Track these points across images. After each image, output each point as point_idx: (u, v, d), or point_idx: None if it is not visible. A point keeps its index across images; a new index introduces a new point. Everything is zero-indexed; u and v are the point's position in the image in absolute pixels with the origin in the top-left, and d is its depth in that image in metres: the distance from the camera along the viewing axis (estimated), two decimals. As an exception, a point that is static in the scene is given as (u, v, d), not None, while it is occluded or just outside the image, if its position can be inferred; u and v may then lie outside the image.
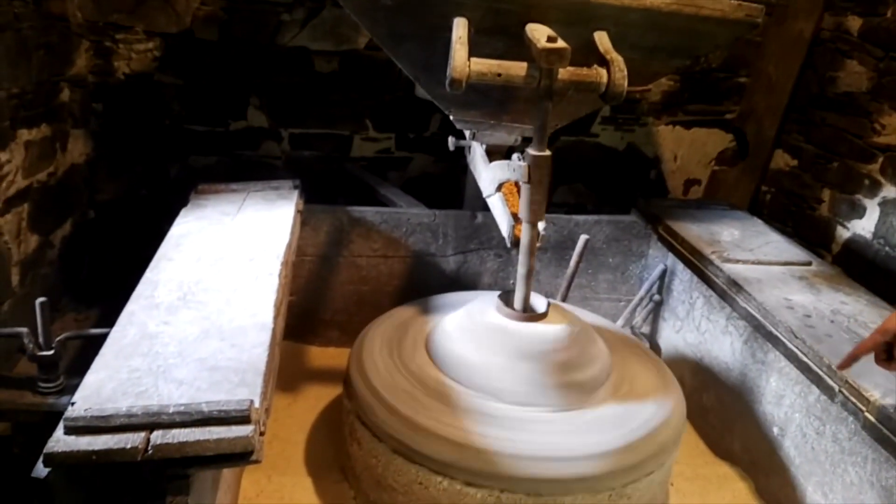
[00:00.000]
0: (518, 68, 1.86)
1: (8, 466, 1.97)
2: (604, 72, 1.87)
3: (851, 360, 1.88)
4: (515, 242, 2.26)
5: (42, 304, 2.08)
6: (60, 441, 1.39)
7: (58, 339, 2.14)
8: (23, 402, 2.08)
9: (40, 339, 2.11)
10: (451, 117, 2.59)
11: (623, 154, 3.98)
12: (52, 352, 2.11)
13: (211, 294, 2.02)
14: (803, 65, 3.68)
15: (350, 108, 3.67)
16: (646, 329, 3.36)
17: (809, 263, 2.84)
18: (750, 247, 2.93)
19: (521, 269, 2.20)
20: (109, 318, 1.89)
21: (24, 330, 2.13)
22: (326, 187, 3.62)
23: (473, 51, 1.85)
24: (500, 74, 1.85)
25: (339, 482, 2.41)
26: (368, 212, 3.19)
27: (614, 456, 2.02)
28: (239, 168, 3.64)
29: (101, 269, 3.39)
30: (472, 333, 2.28)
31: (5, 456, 2.04)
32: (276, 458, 2.53)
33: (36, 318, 2.08)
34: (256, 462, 1.47)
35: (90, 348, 1.73)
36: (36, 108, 2.76)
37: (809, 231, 3.67)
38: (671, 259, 3.17)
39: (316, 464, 2.52)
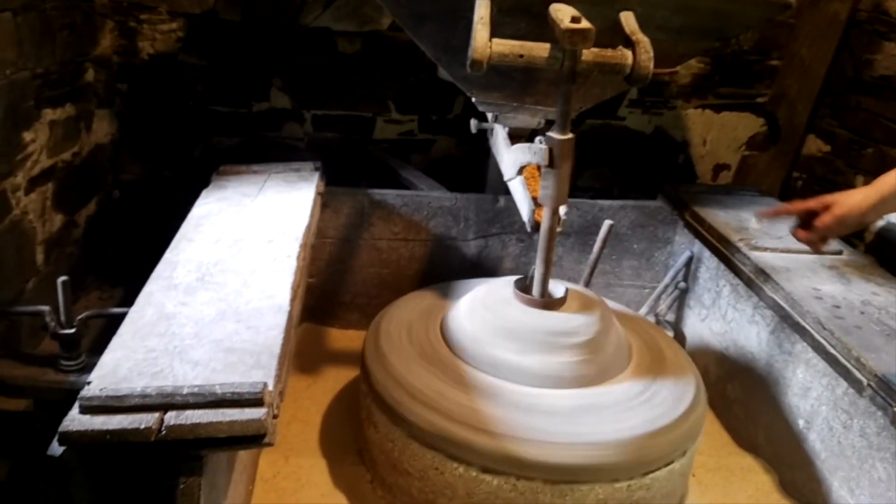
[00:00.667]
0: (541, 49, 1.82)
1: (31, 443, 2.00)
2: (629, 53, 1.82)
3: (772, 214, 1.93)
4: (536, 227, 2.23)
5: (63, 282, 2.11)
6: (75, 420, 1.39)
7: (79, 317, 2.16)
8: (45, 379, 2.11)
9: (62, 318, 2.13)
10: (473, 99, 2.56)
11: (650, 138, 3.91)
12: (73, 330, 2.14)
13: (229, 275, 2.02)
14: (838, 47, 3.58)
15: (373, 89, 3.64)
16: (670, 317, 3.31)
17: (840, 252, 2.77)
18: (779, 234, 2.86)
19: (540, 255, 2.17)
20: (133, 297, 1.89)
21: (46, 308, 2.15)
22: (348, 169, 3.60)
23: (495, 31, 1.81)
24: (521, 56, 1.81)
25: (355, 465, 2.41)
26: (389, 194, 3.17)
27: (634, 445, 1.99)
28: (261, 149, 3.64)
29: (125, 248, 3.42)
30: (488, 318, 2.25)
31: (28, 433, 2.07)
32: (295, 439, 2.54)
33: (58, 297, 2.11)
34: (269, 445, 1.46)
35: (112, 327, 1.73)
36: (60, 88, 2.77)
37: (842, 219, 3.57)
38: (698, 246, 3.11)
39: (333, 446, 2.52)
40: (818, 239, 2.00)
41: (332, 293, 3.28)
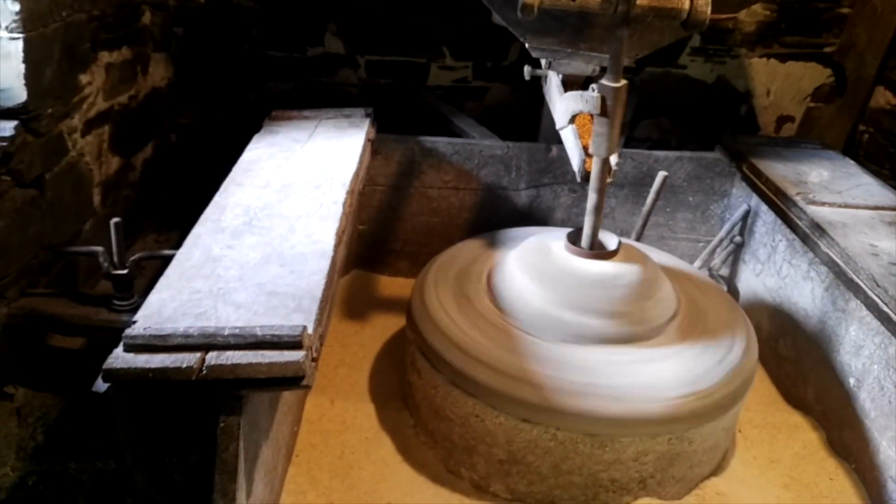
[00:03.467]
0: (594, -8, 1.75)
1: (85, 381, 2.07)
2: (686, -3, 1.73)
3: None
4: (586, 177, 2.18)
5: (116, 223, 2.15)
6: (119, 358, 1.44)
7: (132, 258, 2.22)
8: (98, 318, 2.18)
9: (115, 259, 2.19)
10: (527, 45, 2.48)
11: (712, 88, 3.76)
12: (125, 271, 2.19)
13: (275, 220, 2.04)
14: (913, -6, 3.35)
15: (427, 34, 3.58)
16: (724, 271, 3.22)
17: (901, 208, 2.64)
18: (838, 189, 2.75)
19: (589, 205, 2.13)
20: (188, 240, 1.92)
21: (100, 249, 2.21)
22: (401, 117, 3.57)
23: (548, -27, 1.74)
24: (573, -1, 1.74)
25: (399, 410, 2.44)
26: (440, 142, 3.14)
27: (677, 400, 1.96)
28: (315, 95, 3.63)
29: (181, 191, 3.48)
30: (536, 269, 2.23)
31: (83, 371, 2.14)
32: (341, 383, 2.58)
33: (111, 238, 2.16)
34: (307, 387, 1.49)
35: (165, 269, 1.77)
36: (117, 30, 2.79)
37: (908, 175, 3.40)
38: (755, 199, 3.01)
39: (379, 391, 2.55)
40: None
41: (382, 241, 3.29)
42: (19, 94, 2.11)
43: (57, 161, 2.37)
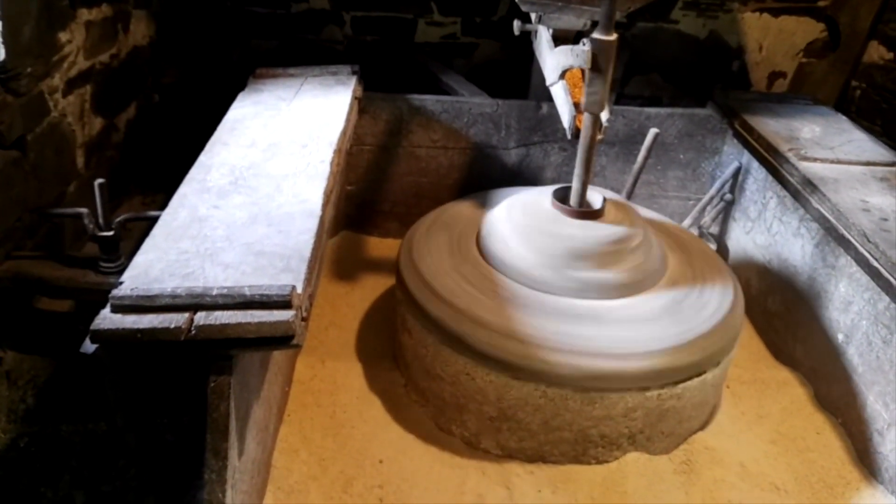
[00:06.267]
0: (584, -59, 1.71)
1: (73, 343, 2.06)
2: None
3: None
4: (576, 134, 2.15)
5: (100, 184, 2.12)
6: (107, 319, 1.42)
7: (117, 220, 2.19)
8: (85, 281, 2.16)
9: (100, 220, 2.16)
10: (516, -1, 2.44)
11: (704, 43, 3.71)
12: (111, 232, 2.16)
13: (262, 180, 2.01)
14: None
15: (415, -12, 3.51)
16: (715, 229, 3.22)
17: (894, 164, 2.63)
18: (830, 145, 2.73)
19: (579, 163, 2.11)
20: (174, 201, 1.89)
21: (85, 210, 2.18)
22: (388, 74, 3.52)
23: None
24: (563, -53, 1.70)
25: (390, 370, 2.45)
26: (429, 100, 3.10)
27: (665, 354, 1.97)
28: (300, 53, 3.56)
29: (167, 152, 3.43)
30: (523, 227, 2.22)
31: (70, 332, 2.13)
32: (332, 343, 2.58)
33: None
34: (297, 347, 1.48)
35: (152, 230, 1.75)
36: (96, -13, 2.73)
37: (900, 130, 3.38)
38: (746, 157, 2.99)
39: (369, 351, 2.56)
40: None
41: (371, 201, 3.27)
42: (-3, 53, 2.07)
43: (38, 121, 2.32)
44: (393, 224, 3.30)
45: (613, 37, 1.90)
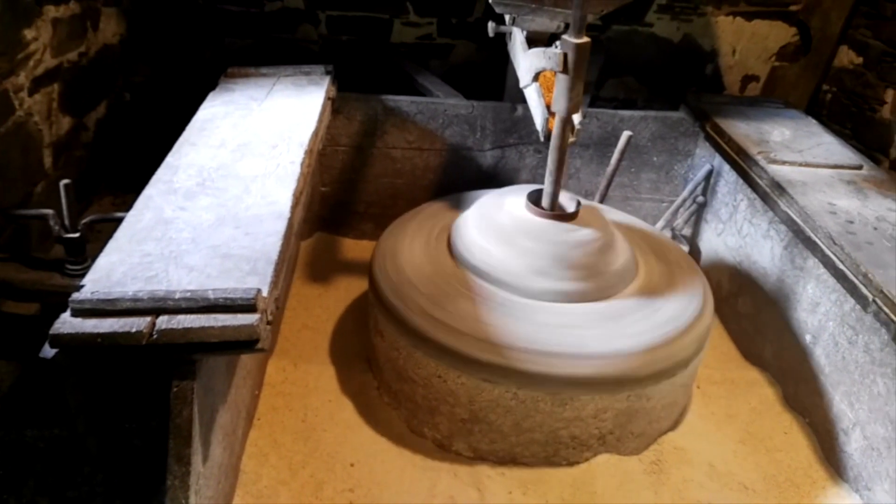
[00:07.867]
0: (554, -57, 1.70)
1: (38, 347, 2.03)
2: (649, -52, 1.70)
3: None
4: (549, 136, 2.15)
5: (66, 185, 2.09)
6: (66, 323, 1.39)
7: (83, 221, 2.15)
8: (51, 283, 2.13)
9: (66, 222, 2.13)
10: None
11: (678, 46, 3.73)
12: (77, 234, 2.13)
13: (230, 181, 1.98)
14: (880, -49, 3.34)
15: (389, -12, 3.49)
16: (687, 231, 3.24)
17: (860, 167, 2.66)
18: (800, 148, 2.76)
19: (550, 165, 2.11)
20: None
21: (50, 212, 2.14)
22: (364, 75, 3.50)
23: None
24: (533, -51, 1.70)
25: (363, 372, 2.43)
26: (404, 101, 3.08)
27: (634, 357, 1.97)
28: (274, 52, 3.53)
29: (137, 152, 3.39)
30: (495, 230, 2.21)
31: (36, 336, 2.09)
32: (304, 346, 2.56)
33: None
34: (261, 351, 1.46)
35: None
36: (62, -17, 2.69)
37: (868, 134, 3.43)
38: (718, 159, 3.01)
39: (342, 354, 2.54)
40: None
41: (346, 203, 3.25)
42: (-43, 50, 2.03)
43: (3, 121, 2.28)
44: (368, 225, 3.28)
45: (584, 39, 1.89)
